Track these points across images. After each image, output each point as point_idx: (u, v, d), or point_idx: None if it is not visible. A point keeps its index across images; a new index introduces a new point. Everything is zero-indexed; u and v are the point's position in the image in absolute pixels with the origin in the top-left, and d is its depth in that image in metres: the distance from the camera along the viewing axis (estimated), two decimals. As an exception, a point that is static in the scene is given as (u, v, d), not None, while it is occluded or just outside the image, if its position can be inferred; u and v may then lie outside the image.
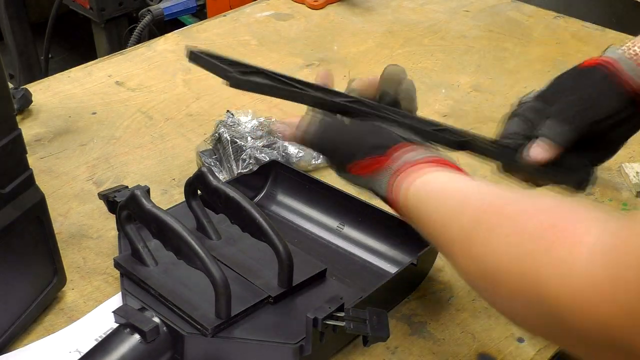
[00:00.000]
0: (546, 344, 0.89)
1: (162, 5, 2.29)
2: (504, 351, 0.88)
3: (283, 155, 1.14)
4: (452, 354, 0.87)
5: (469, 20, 1.65)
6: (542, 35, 1.60)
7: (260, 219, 0.85)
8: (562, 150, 0.80)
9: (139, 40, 2.15)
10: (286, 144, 1.15)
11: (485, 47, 1.54)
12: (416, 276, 0.96)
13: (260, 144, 1.14)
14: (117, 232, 0.95)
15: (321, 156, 0.86)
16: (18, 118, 1.27)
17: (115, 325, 0.80)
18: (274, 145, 1.14)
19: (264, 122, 1.18)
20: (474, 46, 1.55)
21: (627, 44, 0.81)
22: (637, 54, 0.80)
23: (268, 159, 1.12)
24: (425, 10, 1.71)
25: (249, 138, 1.14)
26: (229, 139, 1.13)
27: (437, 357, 0.87)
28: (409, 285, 0.94)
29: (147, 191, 0.93)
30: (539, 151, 0.80)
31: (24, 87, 1.32)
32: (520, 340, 0.89)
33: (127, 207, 0.87)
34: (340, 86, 0.81)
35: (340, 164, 0.78)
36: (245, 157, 1.12)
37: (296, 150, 1.15)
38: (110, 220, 1.00)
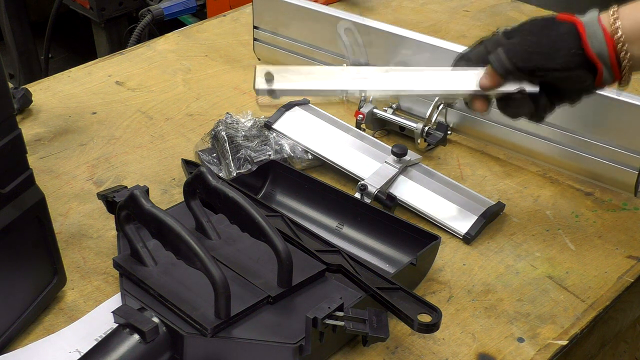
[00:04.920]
0: (546, 344, 0.89)
1: (162, 5, 2.28)
2: (503, 351, 0.88)
3: (276, 150, 1.14)
4: (452, 354, 0.87)
5: (469, 20, 1.65)
6: (542, 35, 1.60)
7: (260, 219, 0.85)
8: (502, 79, 0.89)
9: (139, 40, 2.15)
10: (280, 141, 1.16)
11: (485, 47, 1.54)
12: (415, 276, 0.96)
13: (254, 143, 1.14)
14: (117, 232, 0.95)
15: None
16: (18, 118, 1.27)
17: (115, 325, 0.80)
18: (267, 142, 1.14)
19: (258, 120, 1.18)
20: (473, 46, 1.55)
21: (613, 9, 0.85)
22: (613, 24, 0.84)
23: (262, 157, 1.12)
24: (425, 10, 1.71)
25: (245, 137, 1.14)
26: (225, 137, 1.13)
27: (437, 357, 0.87)
28: (408, 285, 0.94)
29: (146, 191, 0.93)
30: (482, 79, 0.90)
31: (24, 87, 1.32)
32: (520, 340, 0.89)
33: (126, 207, 0.87)
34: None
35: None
36: (240, 155, 1.12)
37: (289, 148, 1.15)
38: (111, 220, 1.00)
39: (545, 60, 0.86)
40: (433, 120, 1.19)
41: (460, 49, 1.21)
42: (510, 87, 0.89)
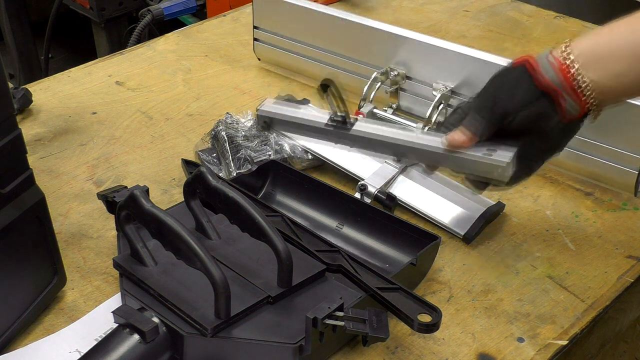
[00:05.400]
0: (546, 344, 0.89)
1: (162, 5, 2.29)
2: (504, 351, 0.88)
3: (276, 150, 1.14)
4: (452, 354, 0.87)
5: (468, 20, 1.65)
6: (542, 35, 1.60)
7: (260, 219, 0.85)
8: (477, 139, 0.88)
9: (139, 40, 2.15)
10: (280, 141, 1.15)
11: (485, 47, 1.54)
12: (415, 276, 0.96)
13: (254, 143, 1.14)
14: (117, 232, 0.95)
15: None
16: (18, 118, 1.27)
17: (115, 325, 0.80)
18: (267, 143, 1.14)
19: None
20: (473, 46, 1.54)
21: (565, 43, 0.86)
22: (564, 51, 0.85)
23: (262, 157, 1.12)
24: (425, 10, 1.71)
25: (245, 137, 1.14)
26: (225, 137, 1.13)
27: (437, 357, 0.87)
28: (408, 285, 0.94)
29: (146, 191, 0.93)
30: (453, 136, 0.89)
31: (24, 87, 1.32)
32: (520, 340, 0.89)
33: (126, 207, 0.87)
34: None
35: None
36: (240, 155, 1.12)
37: (289, 148, 1.15)
38: (111, 220, 1.01)
39: (507, 102, 0.87)
40: (433, 120, 1.19)
41: (460, 49, 1.21)
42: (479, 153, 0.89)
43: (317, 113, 0.98)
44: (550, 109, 0.86)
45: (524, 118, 0.86)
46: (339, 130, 0.96)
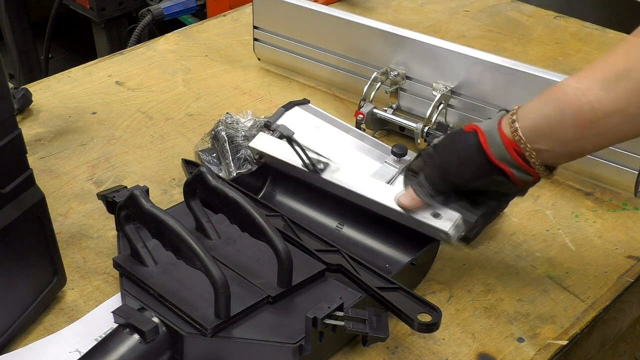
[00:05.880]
0: (546, 344, 0.89)
1: (162, 5, 2.28)
2: (503, 351, 0.88)
3: None
4: (452, 354, 0.87)
5: (468, 20, 1.65)
6: (542, 35, 1.60)
7: (260, 219, 0.85)
8: (423, 204, 0.91)
9: (139, 40, 2.15)
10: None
11: (485, 47, 1.54)
12: (415, 276, 0.96)
13: None
14: (117, 232, 0.95)
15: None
16: (18, 118, 1.27)
17: (115, 325, 0.80)
18: None
19: (258, 120, 1.18)
20: (473, 46, 1.55)
21: (513, 110, 0.85)
22: (511, 126, 0.84)
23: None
24: (425, 10, 1.71)
25: (245, 137, 1.14)
26: (225, 137, 1.13)
27: (437, 357, 0.87)
28: (408, 285, 0.94)
29: (146, 191, 0.93)
30: (400, 199, 0.93)
31: (24, 87, 1.32)
32: (520, 340, 0.89)
33: (126, 207, 0.87)
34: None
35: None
36: (240, 155, 1.12)
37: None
38: (111, 220, 1.00)
39: (457, 178, 0.88)
40: (433, 120, 1.19)
41: (460, 49, 1.21)
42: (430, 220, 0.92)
43: (297, 157, 1.02)
44: (504, 179, 0.86)
45: (477, 186, 0.88)
46: (312, 173, 1.02)
